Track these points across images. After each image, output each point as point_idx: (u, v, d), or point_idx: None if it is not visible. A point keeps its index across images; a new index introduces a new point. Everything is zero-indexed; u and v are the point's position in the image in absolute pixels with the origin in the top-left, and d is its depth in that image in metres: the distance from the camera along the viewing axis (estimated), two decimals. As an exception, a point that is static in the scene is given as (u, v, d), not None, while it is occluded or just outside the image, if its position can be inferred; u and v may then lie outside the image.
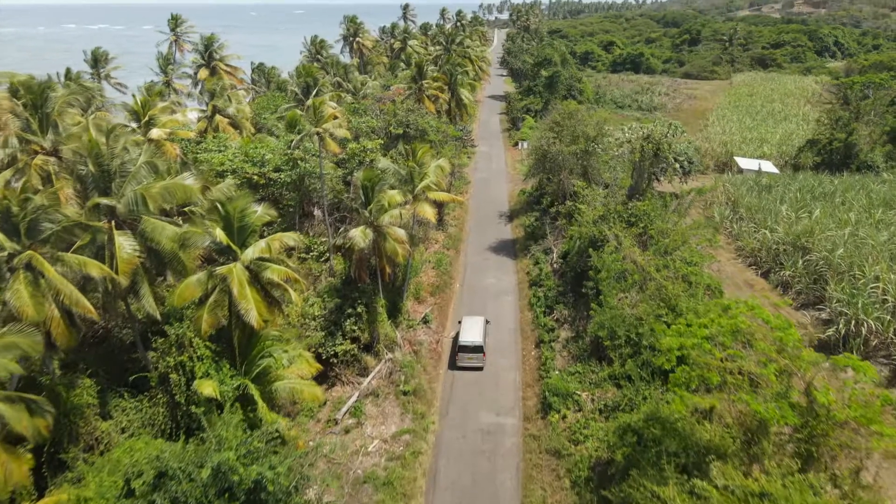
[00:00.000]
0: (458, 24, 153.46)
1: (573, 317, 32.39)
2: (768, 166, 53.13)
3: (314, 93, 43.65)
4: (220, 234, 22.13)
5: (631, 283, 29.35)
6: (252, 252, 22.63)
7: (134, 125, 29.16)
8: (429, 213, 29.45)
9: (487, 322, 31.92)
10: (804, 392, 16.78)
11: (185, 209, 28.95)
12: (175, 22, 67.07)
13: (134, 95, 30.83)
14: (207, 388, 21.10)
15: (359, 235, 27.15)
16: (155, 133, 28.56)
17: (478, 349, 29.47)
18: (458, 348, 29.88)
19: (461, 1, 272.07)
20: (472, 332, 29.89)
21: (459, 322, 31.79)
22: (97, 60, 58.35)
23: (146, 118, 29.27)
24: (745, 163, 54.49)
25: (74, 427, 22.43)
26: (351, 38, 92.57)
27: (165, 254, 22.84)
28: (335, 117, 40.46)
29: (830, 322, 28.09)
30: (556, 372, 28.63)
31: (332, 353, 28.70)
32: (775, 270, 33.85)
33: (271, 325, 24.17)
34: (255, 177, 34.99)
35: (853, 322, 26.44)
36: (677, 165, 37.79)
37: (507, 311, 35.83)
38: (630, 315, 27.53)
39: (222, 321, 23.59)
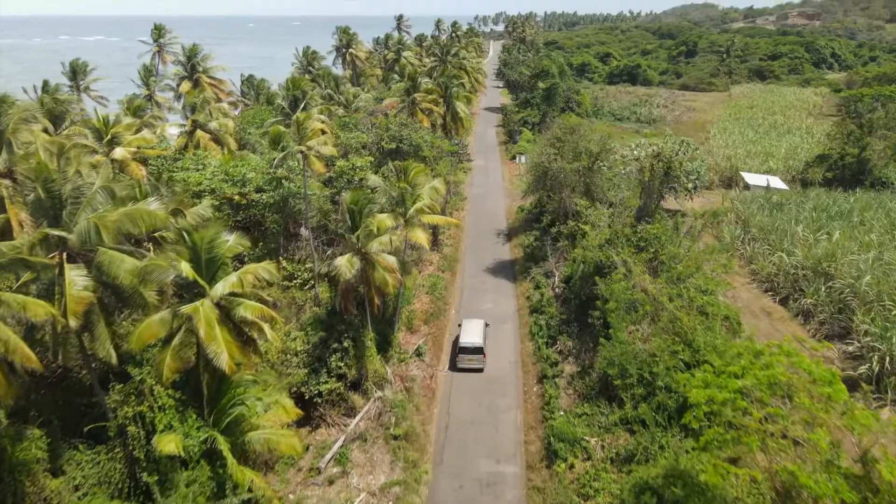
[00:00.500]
0: (454, 35, 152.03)
1: (578, 349, 29.93)
2: (776, 182, 51.06)
3: (302, 106, 41.40)
4: (185, 268, 19.63)
5: (642, 314, 26.96)
6: (222, 287, 20.12)
7: (100, 145, 26.59)
8: (422, 238, 27.02)
9: (487, 325, 31.96)
10: (860, 461, 14.35)
11: (156, 234, 26.63)
12: (158, 32, 64.59)
13: (96, 110, 28.33)
14: (168, 444, 18.54)
15: (344, 265, 24.66)
16: (118, 153, 26.01)
17: (478, 350, 29.54)
18: (458, 350, 29.97)
19: (456, 13, 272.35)
20: (472, 334, 30.06)
21: (459, 325, 31.87)
22: (76, 72, 55.78)
23: (108, 136, 26.70)
24: (752, 178, 52.40)
25: (20, 486, 19.83)
26: (344, 50, 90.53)
27: (125, 289, 20.30)
28: (323, 132, 38.18)
29: (861, 357, 25.73)
30: (561, 413, 26.12)
31: (316, 392, 26.15)
32: (794, 297, 31.54)
33: (245, 367, 21.64)
34: (237, 197, 32.57)
35: (888, 359, 24.06)
36: (690, 186, 35.62)
37: (506, 340, 33.35)
38: (642, 350, 25.11)
39: (189, 364, 21.13)
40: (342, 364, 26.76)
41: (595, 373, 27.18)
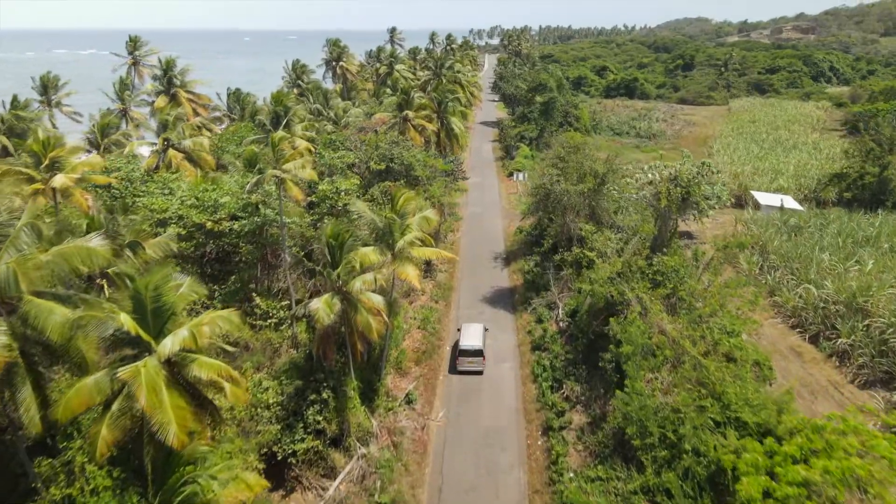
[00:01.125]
0: (449, 48, 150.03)
1: (588, 396, 26.69)
2: (791, 202, 48.21)
3: (284, 123, 38.37)
4: (125, 321, 16.39)
5: (661, 360, 23.81)
6: (171, 343, 16.84)
7: (39, 171, 23.25)
8: (412, 275, 23.77)
9: (486, 329, 32.48)
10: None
11: (110, 271, 23.40)
12: (133, 44, 61.48)
13: (36, 131, 25.13)
14: (98, 540, 15.20)
15: (322, 308, 21.39)
16: (58, 180, 22.75)
17: (478, 353, 29.91)
18: (458, 352, 30.47)
19: (451, 26, 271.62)
20: (472, 338, 30.55)
21: (459, 329, 32.45)
22: (46, 87, 52.64)
23: (47, 161, 23.33)
24: (763, 198, 49.53)
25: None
26: (334, 63, 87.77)
27: (55, 345, 17.04)
28: (309, 151, 35.12)
29: (912, 411, 22.55)
30: (571, 475, 22.83)
31: (291, 451, 22.82)
32: (826, 335, 28.44)
33: (201, 436, 18.32)
34: (209, 223, 29.35)
35: (946, 415, 20.88)
36: (710, 212, 32.71)
37: (505, 382, 30.07)
38: (664, 405, 21.92)
39: (132, 433, 17.80)
40: (321, 418, 23.49)
41: (608, 426, 23.95)
